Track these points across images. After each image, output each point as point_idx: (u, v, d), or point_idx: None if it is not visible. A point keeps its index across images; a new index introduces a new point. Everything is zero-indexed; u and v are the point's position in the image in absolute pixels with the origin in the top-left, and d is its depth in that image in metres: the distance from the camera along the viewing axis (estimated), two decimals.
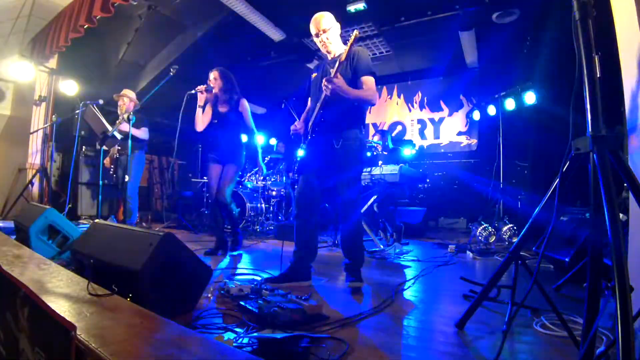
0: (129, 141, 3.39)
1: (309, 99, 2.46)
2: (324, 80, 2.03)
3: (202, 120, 3.20)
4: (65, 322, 0.77)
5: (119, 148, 4.10)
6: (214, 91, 3.20)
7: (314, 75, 2.42)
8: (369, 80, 2.15)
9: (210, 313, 1.61)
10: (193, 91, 3.14)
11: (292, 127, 2.39)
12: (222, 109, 3.24)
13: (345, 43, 2.29)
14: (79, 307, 1.16)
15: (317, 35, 2.24)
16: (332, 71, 2.04)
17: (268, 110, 8.03)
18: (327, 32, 2.22)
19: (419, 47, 5.99)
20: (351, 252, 2.22)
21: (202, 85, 3.13)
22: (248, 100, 3.37)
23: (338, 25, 2.29)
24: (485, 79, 6.39)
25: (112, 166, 4.22)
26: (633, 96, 1.52)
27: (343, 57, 2.03)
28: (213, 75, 3.21)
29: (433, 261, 3.18)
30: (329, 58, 2.32)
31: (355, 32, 1.95)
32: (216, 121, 3.24)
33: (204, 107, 3.19)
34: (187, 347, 0.93)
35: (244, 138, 3.39)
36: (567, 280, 2.11)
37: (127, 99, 4.19)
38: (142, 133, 4.12)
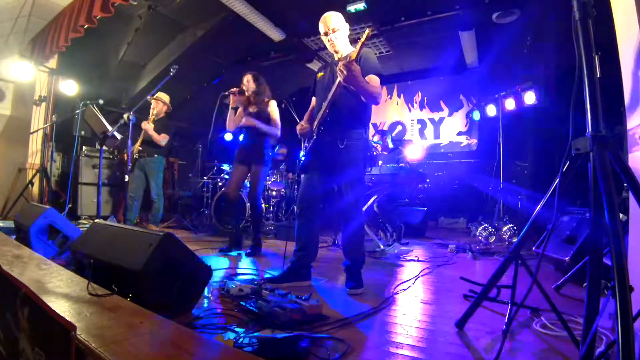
0: (128, 141, 3.40)
1: (313, 98, 2.45)
2: (340, 65, 1.99)
3: (233, 121, 3.33)
4: (65, 322, 0.77)
5: (140, 149, 4.12)
6: (246, 94, 3.32)
7: (319, 74, 2.40)
8: (374, 79, 2.13)
9: (210, 313, 1.61)
10: (226, 92, 3.29)
11: (298, 128, 2.35)
12: (252, 109, 3.34)
13: (352, 43, 2.29)
14: (79, 307, 1.16)
15: (325, 34, 2.23)
16: (348, 59, 2.00)
17: None
18: (336, 31, 2.21)
19: (419, 47, 5.98)
20: (352, 252, 2.22)
21: (235, 88, 3.27)
22: None
23: (347, 26, 2.28)
24: (485, 79, 6.39)
25: (129, 164, 4.23)
26: (633, 96, 1.52)
27: (354, 56, 1.99)
28: (246, 78, 3.34)
29: (433, 261, 3.18)
30: (336, 58, 2.31)
31: (367, 30, 1.93)
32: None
33: (235, 109, 3.33)
34: (187, 347, 0.94)
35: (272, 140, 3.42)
36: (567, 280, 2.12)
37: (161, 103, 4.21)
38: (160, 139, 4.12)
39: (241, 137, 3.40)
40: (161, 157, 4.24)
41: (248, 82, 3.32)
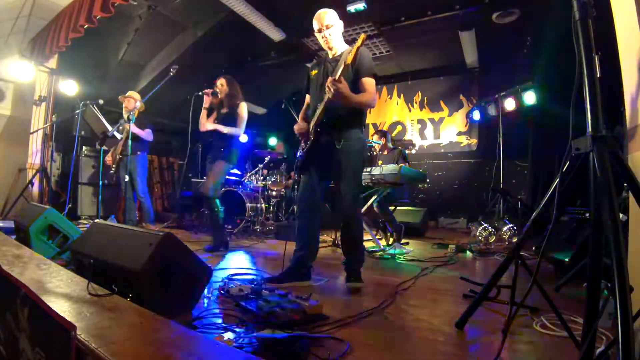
0: (129, 141, 3.40)
1: (307, 95, 2.45)
2: (328, 81, 2.01)
3: (205, 121, 3.41)
4: (65, 322, 0.77)
5: (122, 149, 4.12)
6: (219, 96, 3.40)
7: (313, 72, 2.39)
8: (369, 82, 2.14)
9: (210, 313, 1.61)
10: (200, 93, 3.37)
11: (295, 128, 2.37)
12: (223, 111, 3.43)
13: (350, 43, 2.29)
14: (79, 307, 1.16)
15: (319, 30, 2.23)
16: (337, 74, 2.01)
17: (268, 110, 8.03)
18: (330, 28, 2.21)
19: (419, 47, 5.99)
20: (351, 251, 2.23)
21: (209, 89, 3.34)
22: (248, 100, 3.48)
23: (341, 23, 2.29)
24: (485, 79, 6.40)
25: (113, 166, 4.23)
26: (633, 96, 1.52)
27: (349, 60, 1.99)
28: (220, 82, 3.42)
29: (433, 261, 3.18)
30: (330, 55, 2.31)
31: (363, 35, 1.95)
32: (216, 122, 3.42)
33: (209, 110, 3.42)
34: (187, 347, 0.93)
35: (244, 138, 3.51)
36: (567, 280, 2.11)
37: (133, 100, 4.21)
38: (146, 134, 4.13)
39: (209, 136, 3.49)
40: (144, 154, 4.23)
41: (222, 85, 3.42)
